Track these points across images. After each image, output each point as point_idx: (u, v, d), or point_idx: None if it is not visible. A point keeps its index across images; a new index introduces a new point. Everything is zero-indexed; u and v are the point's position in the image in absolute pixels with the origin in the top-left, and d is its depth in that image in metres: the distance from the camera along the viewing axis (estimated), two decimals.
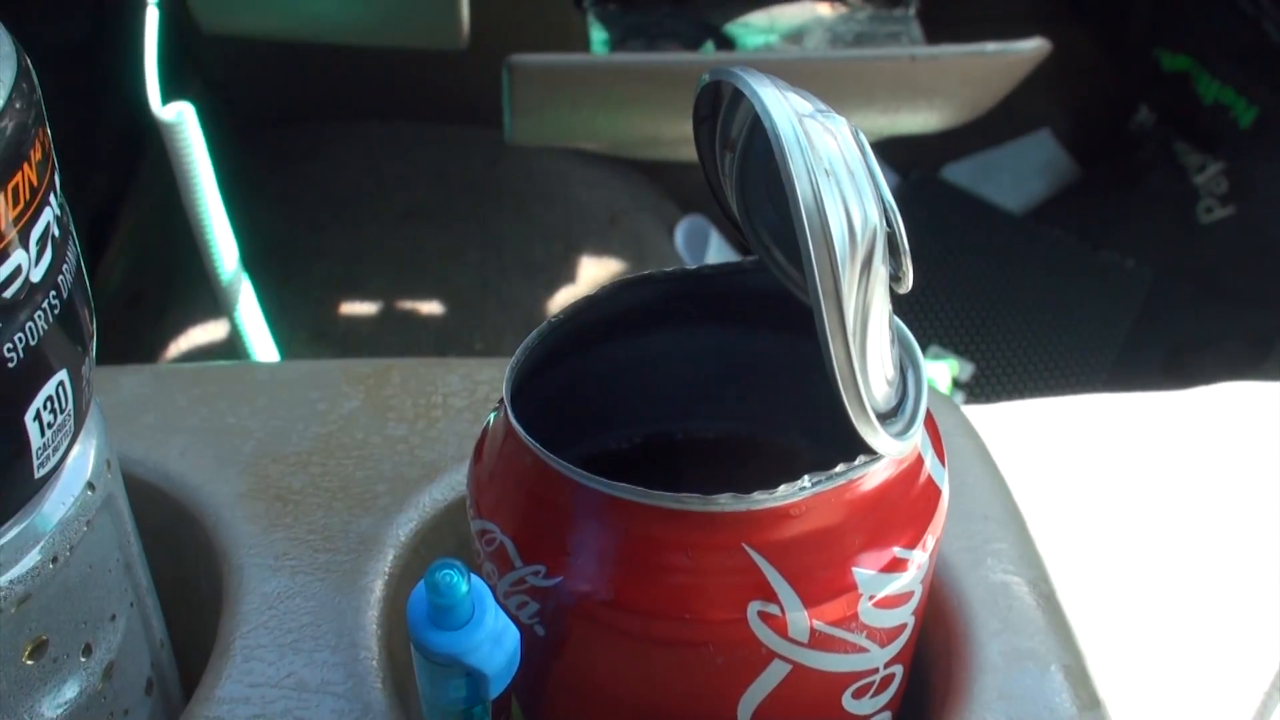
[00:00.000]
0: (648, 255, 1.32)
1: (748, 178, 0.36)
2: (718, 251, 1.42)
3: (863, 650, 0.36)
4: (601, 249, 1.28)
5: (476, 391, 0.50)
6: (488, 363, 0.51)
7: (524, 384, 0.37)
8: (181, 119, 0.87)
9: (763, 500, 0.33)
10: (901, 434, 0.34)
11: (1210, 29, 1.57)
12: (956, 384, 1.37)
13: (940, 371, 1.25)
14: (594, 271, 1.27)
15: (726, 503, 0.33)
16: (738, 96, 0.34)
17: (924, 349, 1.40)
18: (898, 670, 0.38)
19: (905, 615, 0.36)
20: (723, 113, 0.36)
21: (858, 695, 0.37)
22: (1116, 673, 0.63)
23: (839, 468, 0.33)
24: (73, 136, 1.19)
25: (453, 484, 0.46)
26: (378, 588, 0.42)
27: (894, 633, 0.36)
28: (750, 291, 0.39)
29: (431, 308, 1.18)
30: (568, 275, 1.26)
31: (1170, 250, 1.53)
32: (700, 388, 0.42)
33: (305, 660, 0.40)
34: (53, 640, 0.36)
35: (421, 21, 0.92)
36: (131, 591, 0.40)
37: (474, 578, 0.31)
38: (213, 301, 0.97)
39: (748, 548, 0.33)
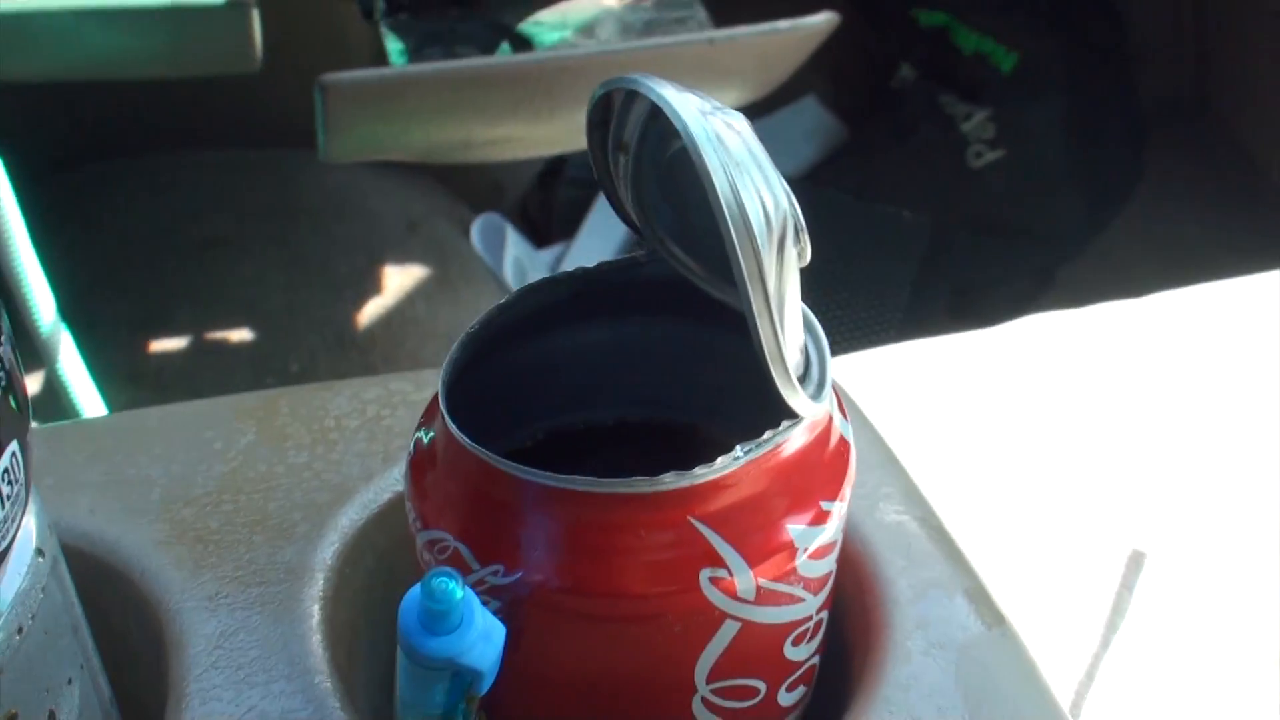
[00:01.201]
0: (449, 258, 1.33)
1: (642, 177, 0.39)
2: (515, 246, 1.44)
3: (800, 600, 0.38)
4: (403, 257, 1.29)
5: (366, 411, 0.51)
6: (371, 381, 0.52)
7: (450, 391, 0.39)
8: None
9: (703, 474, 0.35)
10: (816, 395, 0.37)
11: None
12: None
13: None
14: (399, 280, 1.27)
15: (671, 480, 0.35)
16: (629, 101, 0.37)
17: None
18: (824, 616, 0.41)
19: (831, 564, 0.39)
20: (615, 117, 0.38)
21: (796, 642, 0.39)
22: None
23: (766, 435, 0.36)
24: None
25: (364, 503, 0.47)
26: (315, 612, 0.43)
27: (823, 581, 0.39)
28: (647, 283, 0.42)
29: (243, 335, 1.17)
30: (373, 287, 1.26)
31: (945, 198, 1.60)
32: (609, 377, 0.44)
33: (262, 693, 0.41)
34: (22, 712, 0.36)
35: (215, 49, 0.92)
36: (80, 653, 0.40)
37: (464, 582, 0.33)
38: (30, 358, 0.95)
39: (693, 520, 0.35)
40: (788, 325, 0.35)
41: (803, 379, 0.38)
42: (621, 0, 0.94)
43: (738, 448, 0.35)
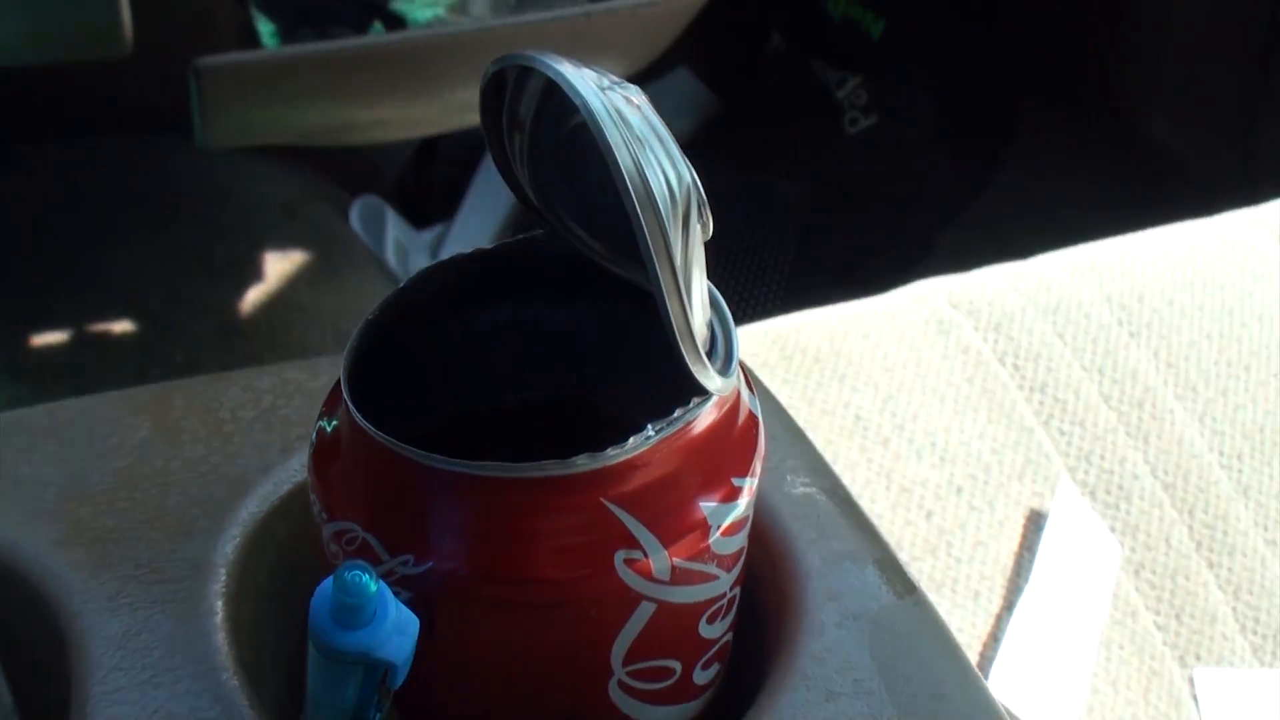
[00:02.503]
0: (329, 240, 1.31)
1: (539, 155, 0.38)
2: (395, 227, 1.43)
3: (714, 578, 0.38)
4: (283, 242, 1.27)
5: (261, 401, 0.50)
6: (264, 371, 0.51)
7: (351, 381, 0.38)
8: None
9: (615, 455, 0.35)
10: (724, 371, 0.37)
11: None
12: None
13: None
14: (280, 266, 1.25)
15: (584, 462, 0.35)
16: (523, 78, 0.36)
17: None
18: (738, 592, 0.41)
19: (743, 540, 0.39)
20: (509, 95, 0.37)
21: (711, 620, 0.39)
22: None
23: (676, 412, 0.36)
24: None
25: (263, 496, 0.46)
26: (219, 609, 0.42)
27: (736, 557, 0.39)
28: (547, 262, 0.41)
29: (124, 326, 1.15)
30: (254, 273, 1.24)
31: (822, 165, 1.61)
32: (512, 358, 0.43)
33: (168, 693, 0.40)
34: None
35: (81, 32, 0.89)
36: None
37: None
38: None
39: (606, 501, 0.35)
40: (695, 301, 0.35)
41: (709, 355, 0.37)
42: None
43: (649, 427, 0.35)
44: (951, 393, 0.78)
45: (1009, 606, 0.68)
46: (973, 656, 0.66)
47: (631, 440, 0.35)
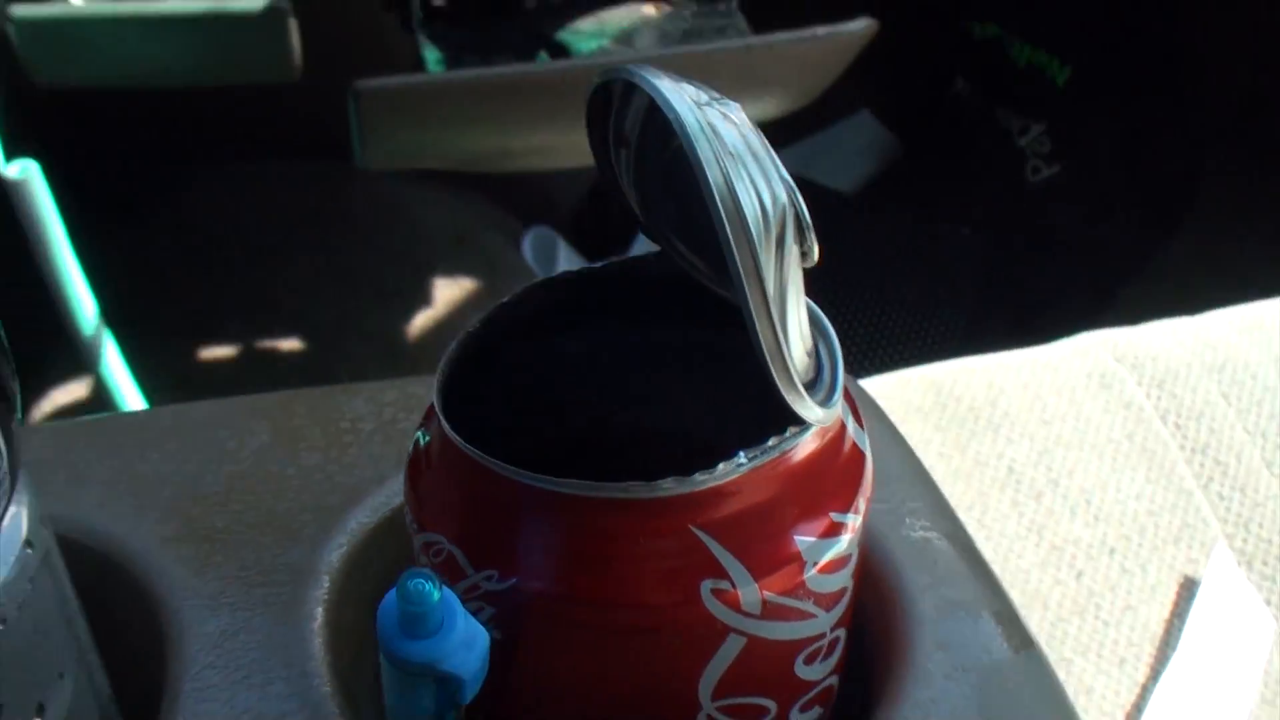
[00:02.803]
0: (498, 270, 1.32)
1: (644, 172, 0.37)
2: (567, 260, 1.43)
3: (811, 616, 0.37)
4: (453, 268, 1.28)
5: (383, 414, 0.50)
6: (390, 384, 0.51)
7: (448, 395, 0.38)
8: (28, 174, 0.86)
9: (704, 480, 0.34)
10: (825, 402, 0.35)
11: None
12: None
13: None
14: (447, 292, 1.27)
15: (671, 486, 0.34)
16: (628, 94, 0.36)
17: None
18: (841, 634, 0.39)
19: (845, 579, 0.38)
20: (614, 111, 0.37)
21: (809, 661, 0.38)
22: (1024, 617, 0.65)
23: (771, 441, 0.34)
24: None
25: (374, 506, 0.46)
26: (318, 615, 0.42)
27: (836, 596, 0.38)
28: (656, 283, 0.40)
29: (292, 344, 1.17)
30: (422, 298, 1.26)
31: (1004, 213, 1.58)
32: (617, 383, 0.43)
33: (259, 695, 0.40)
34: (7, 704, 0.35)
35: (254, 57, 0.92)
36: (75, 648, 0.39)
37: (444, 586, 0.31)
38: (74, 361, 0.95)
39: (694, 528, 0.34)
40: (790, 325, 0.34)
41: (813, 384, 0.36)
42: (661, 9, 0.93)
43: (741, 454, 0.34)
44: (1110, 449, 0.75)
45: (1155, 676, 0.65)
46: None
47: (721, 466, 0.34)
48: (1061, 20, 1.58)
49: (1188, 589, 0.67)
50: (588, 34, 0.92)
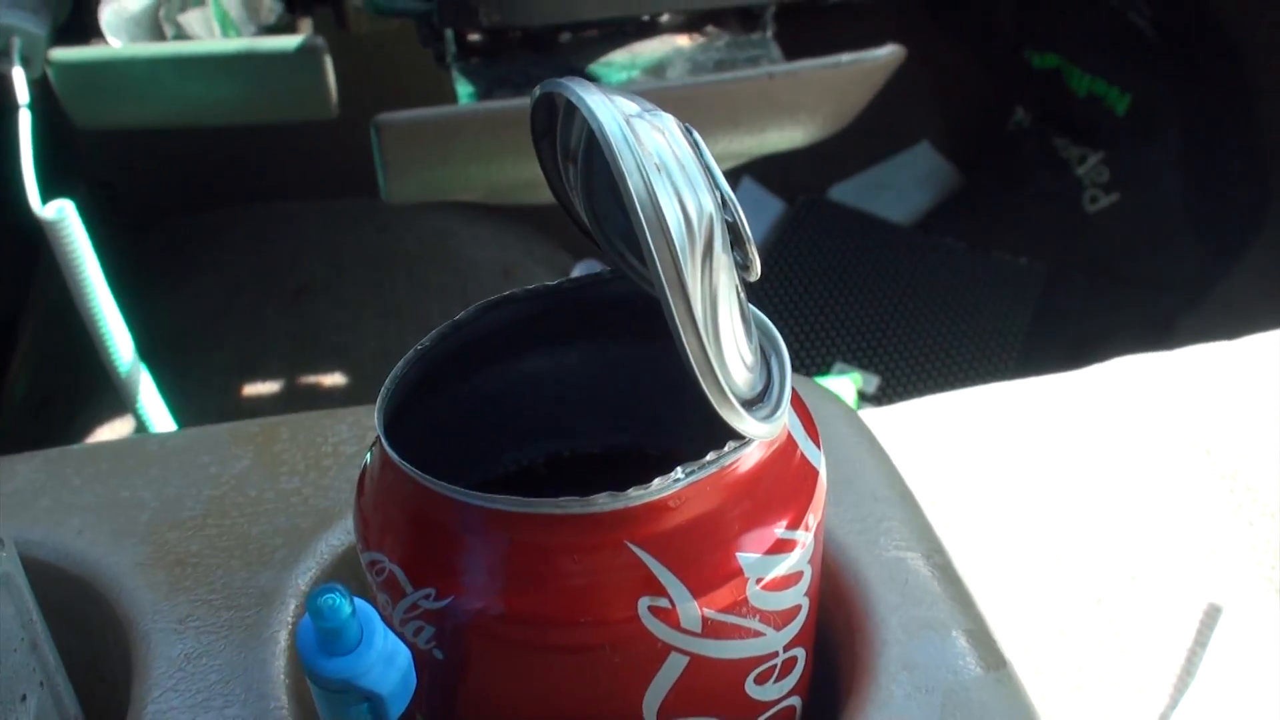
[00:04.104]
0: None
1: (594, 187, 0.37)
2: None
3: (758, 634, 0.36)
4: None
5: (366, 437, 0.50)
6: (376, 408, 0.51)
7: (400, 415, 0.38)
8: (63, 215, 0.87)
9: (640, 495, 0.33)
10: (768, 417, 0.35)
11: (1076, 24, 1.60)
12: (863, 396, 1.38)
13: (844, 386, 1.26)
14: None
15: (605, 502, 0.33)
16: (572, 108, 0.35)
17: (827, 367, 1.42)
18: (799, 653, 0.39)
19: (797, 597, 0.37)
20: (559, 126, 0.36)
21: (760, 680, 0.37)
22: (1039, 643, 0.64)
23: (709, 456, 0.34)
24: None
25: (348, 528, 0.46)
26: (282, 638, 0.42)
27: (788, 615, 0.37)
28: (614, 302, 0.40)
29: (335, 380, 1.18)
30: None
31: (1061, 243, 1.56)
32: (581, 403, 0.42)
33: (216, 717, 0.40)
34: None
35: (291, 94, 0.93)
36: (40, 670, 0.39)
37: (359, 601, 0.31)
38: (118, 400, 0.96)
39: (631, 544, 0.34)
40: (723, 337, 0.33)
41: (758, 400, 0.36)
42: (693, 40, 0.93)
43: (678, 469, 0.34)
44: (1137, 473, 0.73)
45: (1174, 704, 0.64)
46: None
47: (657, 481, 0.33)
48: (1121, 49, 1.57)
49: (1211, 617, 0.66)
50: (619, 66, 0.92)
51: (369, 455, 0.38)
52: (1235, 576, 0.68)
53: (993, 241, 1.58)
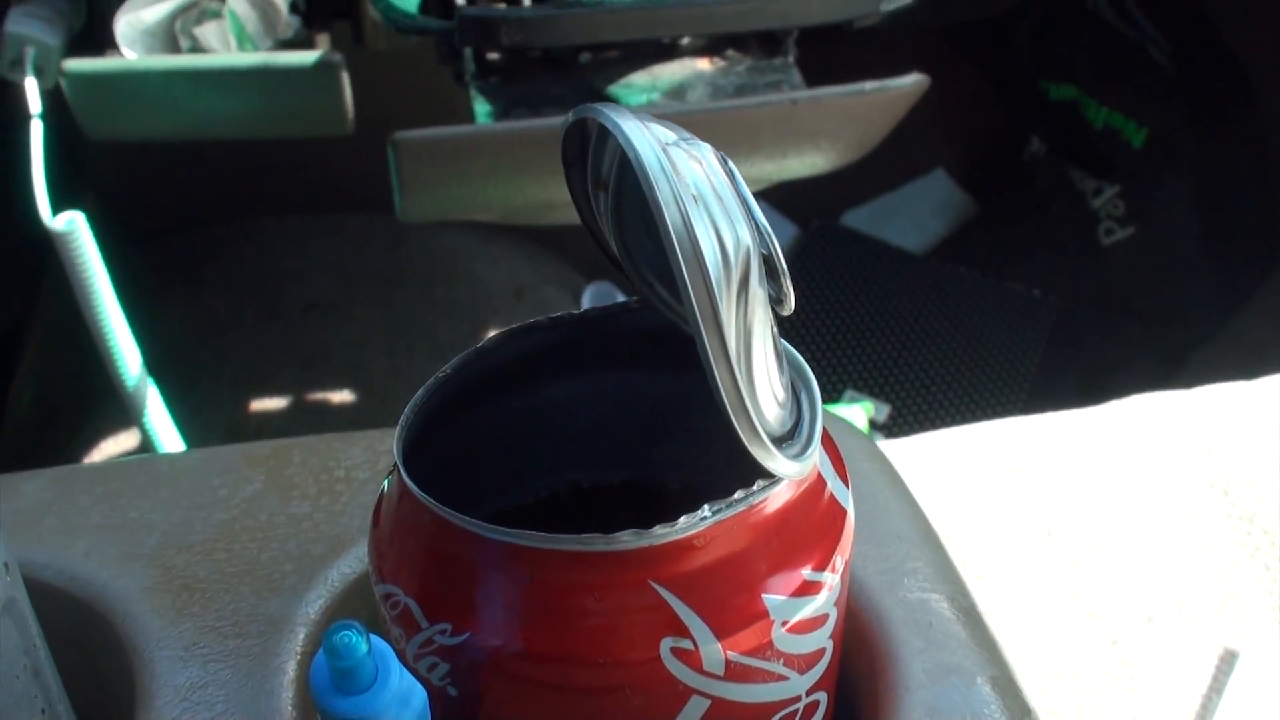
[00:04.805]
0: None
1: (624, 215, 0.36)
2: None
3: (782, 679, 0.35)
4: (509, 322, 1.28)
5: (379, 462, 0.49)
6: (389, 432, 0.50)
7: (419, 443, 0.37)
8: (73, 227, 0.86)
9: (665, 534, 0.32)
10: (799, 455, 0.34)
11: (1094, 56, 1.60)
12: (873, 425, 1.37)
13: (855, 414, 1.25)
14: None
15: (629, 540, 0.32)
16: (604, 135, 0.35)
17: (838, 394, 1.41)
18: (821, 697, 0.38)
19: (822, 640, 0.36)
20: (591, 153, 0.36)
21: None
22: (1053, 686, 0.63)
23: (738, 494, 0.33)
24: None
25: (360, 556, 0.45)
26: (290, 669, 0.41)
27: (812, 659, 0.36)
28: (639, 332, 0.39)
29: (343, 398, 1.17)
30: None
31: (1075, 276, 1.55)
32: (601, 434, 0.41)
33: None
34: None
35: (306, 110, 0.92)
36: (42, 698, 0.38)
37: (374, 638, 0.30)
38: (124, 414, 0.95)
39: (654, 584, 0.33)
40: (756, 373, 0.32)
41: (788, 437, 0.35)
42: (714, 64, 0.92)
43: (705, 507, 0.33)
44: (1153, 513, 0.72)
45: None
46: None
47: (683, 520, 0.32)
48: (1139, 83, 1.56)
49: (1227, 662, 0.65)
50: (639, 88, 0.92)
51: (386, 483, 0.37)
52: (1252, 621, 0.67)
53: (1006, 272, 1.57)
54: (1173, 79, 1.55)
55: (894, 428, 1.40)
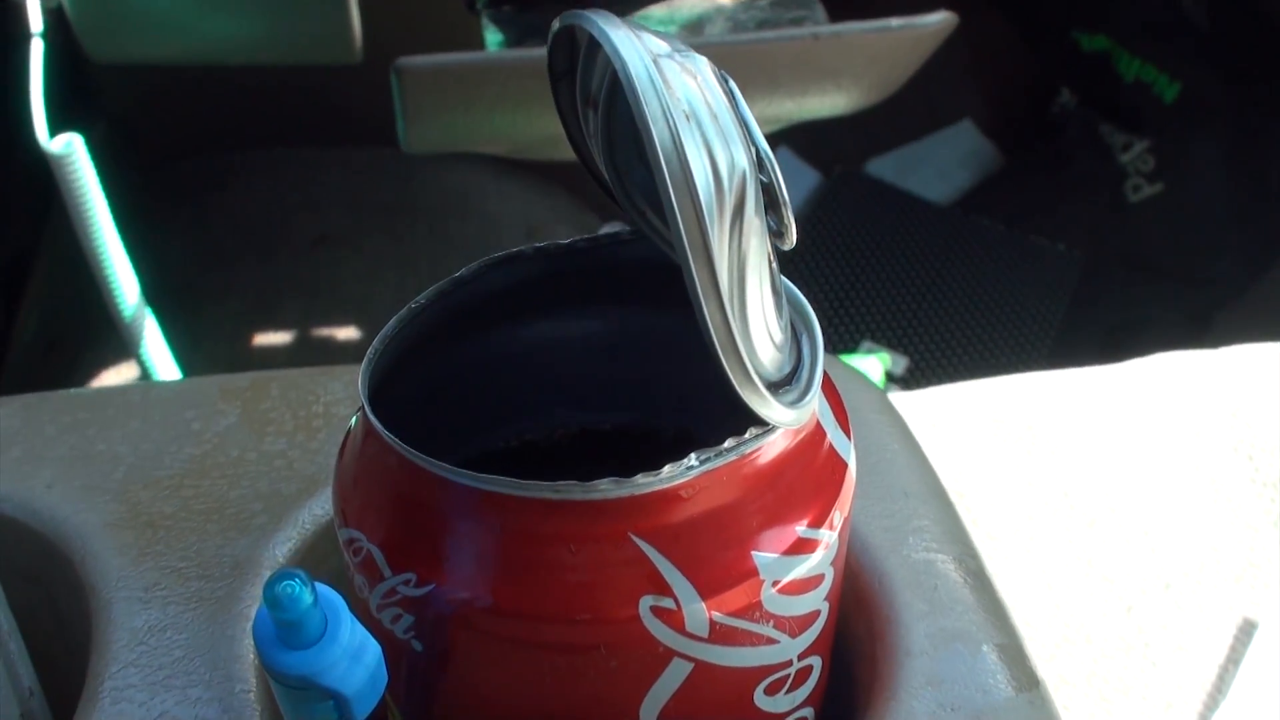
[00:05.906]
0: None
1: (614, 135, 0.34)
2: None
3: (772, 641, 0.33)
4: None
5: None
6: None
7: (389, 379, 0.34)
8: (70, 150, 0.84)
9: (648, 483, 0.30)
10: (796, 402, 0.31)
11: (1127, 7, 1.56)
12: (890, 378, 1.34)
13: (871, 365, 1.23)
14: None
15: (608, 488, 0.30)
16: (595, 46, 0.32)
17: (855, 345, 1.38)
18: (815, 662, 0.35)
19: (817, 601, 0.34)
20: (580, 66, 0.33)
21: (771, 691, 0.34)
22: (1063, 651, 0.60)
23: (728, 443, 0.31)
24: None
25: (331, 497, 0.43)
26: (254, 614, 0.39)
27: (805, 621, 0.33)
28: (633, 264, 0.37)
29: (349, 332, 1.15)
30: None
31: (1101, 232, 1.52)
32: (592, 374, 0.39)
33: (178, 698, 0.37)
34: None
35: (314, 36, 0.89)
36: None
37: (323, 588, 0.28)
38: (115, 341, 0.93)
39: (635, 537, 0.30)
40: (750, 312, 0.30)
41: (786, 382, 0.32)
42: None
43: (692, 455, 0.30)
44: (1174, 476, 0.69)
45: None
46: None
47: (667, 468, 0.30)
48: (1173, 36, 1.52)
49: (1246, 631, 0.62)
50: (656, 21, 0.88)
51: (354, 421, 0.35)
52: (1273, 591, 0.64)
53: (1031, 225, 1.54)
54: (1206, 34, 1.51)
55: (912, 381, 1.37)
